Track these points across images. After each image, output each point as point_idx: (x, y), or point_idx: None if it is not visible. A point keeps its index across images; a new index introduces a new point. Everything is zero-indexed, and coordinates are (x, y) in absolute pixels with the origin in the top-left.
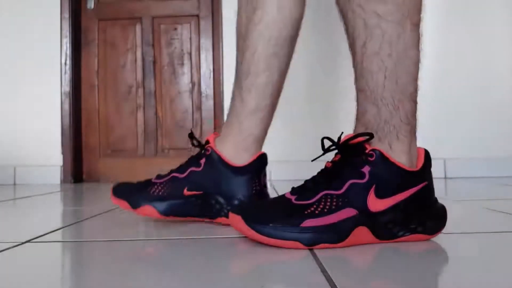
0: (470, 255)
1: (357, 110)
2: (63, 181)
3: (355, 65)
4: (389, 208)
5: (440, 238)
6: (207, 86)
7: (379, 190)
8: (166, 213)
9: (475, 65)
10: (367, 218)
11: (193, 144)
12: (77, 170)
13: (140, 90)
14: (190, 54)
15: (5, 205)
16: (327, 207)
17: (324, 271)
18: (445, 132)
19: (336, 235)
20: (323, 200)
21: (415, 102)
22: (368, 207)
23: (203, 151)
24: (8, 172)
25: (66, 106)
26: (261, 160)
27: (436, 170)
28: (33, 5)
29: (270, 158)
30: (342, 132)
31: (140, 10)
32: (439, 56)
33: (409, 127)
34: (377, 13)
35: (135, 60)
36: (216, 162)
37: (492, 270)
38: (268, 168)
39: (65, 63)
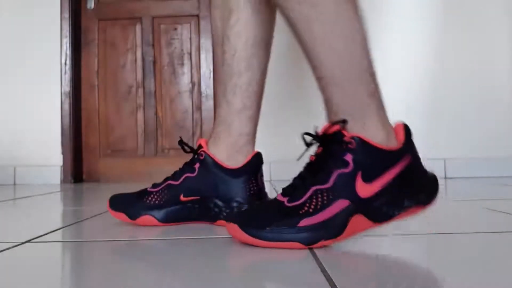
0: (470, 255)
1: (324, 98)
2: (63, 181)
3: (308, 55)
4: (379, 191)
5: (440, 238)
6: (207, 86)
7: (365, 175)
8: (164, 220)
9: (474, 65)
10: (360, 205)
11: (184, 150)
12: (77, 170)
13: (140, 90)
14: (190, 54)
15: (5, 205)
16: (320, 203)
17: (324, 271)
18: (445, 132)
19: (334, 229)
20: (314, 196)
21: (373, 76)
22: (358, 194)
23: (196, 156)
24: (8, 172)
25: (66, 106)
26: (257, 160)
27: (436, 170)
28: (33, 5)
29: (270, 158)
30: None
31: (140, 10)
32: (439, 56)
33: (375, 102)
34: (312, 2)
35: (135, 60)
36: (210, 166)
37: (492, 270)
38: (268, 168)
39: (65, 63)
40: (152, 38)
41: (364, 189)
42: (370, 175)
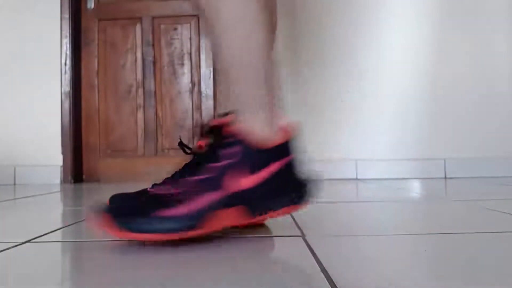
0: (470, 255)
1: (221, 91)
2: (63, 181)
3: (213, 45)
4: (254, 186)
5: (440, 238)
6: (207, 86)
7: (242, 169)
8: None
9: (474, 65)
10: (233, 198)
11: (185, 152)
12: (77, 170)
13: (140, 90)
14: (190, 54)
15: (5, 205)
16: (189, 193)
17: (324, 271)
18: (445, 132)
19: (198, 220)
20: (185, 187)
21: (270, 75)
22: (233, 187)
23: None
24: (8, 172)
25: (66, 106)
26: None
27: (436, 170)
28: (33, 5)
29: None
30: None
31: (140, 10)
32: (438, 56)
33: (269, 102)
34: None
35: (135, 60)
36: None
37: (492, 270)
38: None
39: (65, 63)
40: (152, 38)
41: (240, 183)
42: (247, 170)
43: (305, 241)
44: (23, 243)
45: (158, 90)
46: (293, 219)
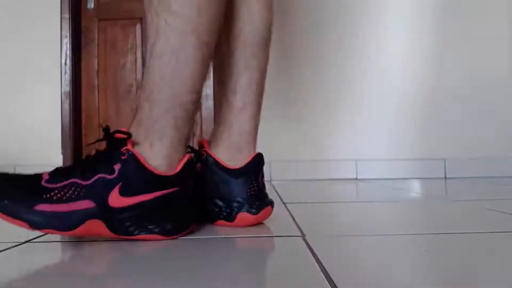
0: (470, 255)
1: (137, 104)
2: None
3: (144, 62)
4: (128, 206)
5: (440, 238)
6: (206, 86)
7: (124, 188)
8: None
9: (474, 65)
10: (104, 212)
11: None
12: None
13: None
14: None
15: None
16: (68, 195)
17: (323, 270)
18: (445, 132)
19: (65, 223)
20: (68, 187)
21: (188, 112)
22: (108, 202)
23: (198, 156)
24: None
25: (66, 106)
26: (258, 160)
27: (436, 170)
28: (33, 5)
29: (270, 158)
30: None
31: (140, 10)
32: (438, 56)
33: (177, 133)
34: (166, 21)
35: (135, 60)
36: (212, 165)
37: (492, 270)
38: (268, 168)
39: (65, 63)
40: None
41: (115, 200)
42: (128, 190)
43: (305, 241)
44: (23, 243)
45: None
46: (293, 219)
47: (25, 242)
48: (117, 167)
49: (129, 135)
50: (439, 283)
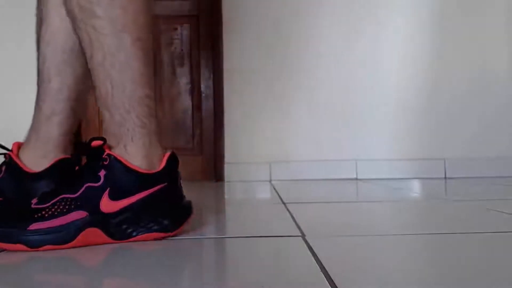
0: (470, 255)
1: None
2: None
3: (91, 73)
4: (121, 209)
5: (440, 238)
6: (207, 86)
7: (113, 192)
8: None
9: (474, 65)
10: (98, 219)
11: None
12: None
13: None
14: (190, 54)
15: None
16: (59, 210)
17: (322, 269)
18: (445, 132)
19: (62, 236)
20: (58, 203)
21: (148, 107)
22: (100, 209)
23: (5, 159)
24: None
25: None
26: (60, 164)
27: (436, 170)
28: (33, 5)
29: (270, 159)
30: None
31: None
32: (438, 56)
33: (145, 130)
34: (94, 27)
35: None
36: (14, 168)
37: (492, 270)
38: (268, 168)
39: None
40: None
41: (108, 205)
42: (118, 193)
43: (305, 241)
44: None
45: (158, 90)
46: (293, 219)
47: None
48: (102, 173)
49: (104, 139)
50: (439, 283)
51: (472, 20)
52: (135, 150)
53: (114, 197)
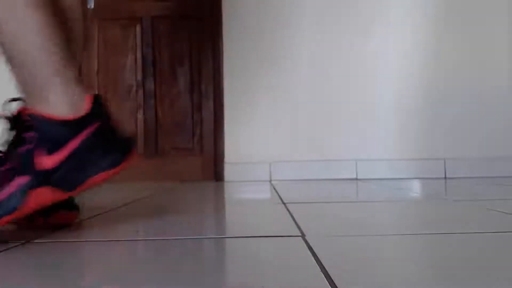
0: (470, 255)
1: (15, 78)
2: None
3: None
4: (62, 160)
5: (440, 238)
6: (207, 86)
7: (47, 147)
8: None
9: (474, 64)
10: (44, 178)
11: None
12: None
13: (140, 90)
14: (190, 54)
15: None
16: (1, 183)
17: (322, 268)
18: (445, 132)
19: (11, 204)
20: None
21: (57, 56)
22: (40, 167)
23: None
24: None
25: None
26: None
27: (436, 170)
28: None
29: (270, 158)
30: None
31: (140, 10)
32: (438, 55)
33: (60, 78)
34: None
35: (135, 60)
36: None
37: (492, 270)
38: (268, 168)
39: None
40: (152, 38)
41: (48, 161)
42: (52, 147)
43: (305, 241)
44: (23, 243)
45: (158, 90)
46: (293, 219)
47: (25, 242)
48: (29, 134)
49: (19, 100)
50: (439, 283)
51: (473, 20)
52: (56, 100)
53: (49, 151)
